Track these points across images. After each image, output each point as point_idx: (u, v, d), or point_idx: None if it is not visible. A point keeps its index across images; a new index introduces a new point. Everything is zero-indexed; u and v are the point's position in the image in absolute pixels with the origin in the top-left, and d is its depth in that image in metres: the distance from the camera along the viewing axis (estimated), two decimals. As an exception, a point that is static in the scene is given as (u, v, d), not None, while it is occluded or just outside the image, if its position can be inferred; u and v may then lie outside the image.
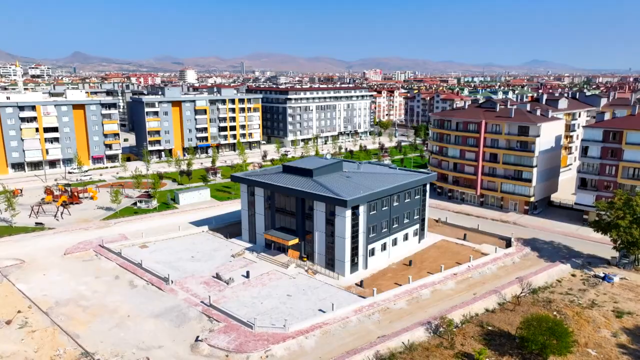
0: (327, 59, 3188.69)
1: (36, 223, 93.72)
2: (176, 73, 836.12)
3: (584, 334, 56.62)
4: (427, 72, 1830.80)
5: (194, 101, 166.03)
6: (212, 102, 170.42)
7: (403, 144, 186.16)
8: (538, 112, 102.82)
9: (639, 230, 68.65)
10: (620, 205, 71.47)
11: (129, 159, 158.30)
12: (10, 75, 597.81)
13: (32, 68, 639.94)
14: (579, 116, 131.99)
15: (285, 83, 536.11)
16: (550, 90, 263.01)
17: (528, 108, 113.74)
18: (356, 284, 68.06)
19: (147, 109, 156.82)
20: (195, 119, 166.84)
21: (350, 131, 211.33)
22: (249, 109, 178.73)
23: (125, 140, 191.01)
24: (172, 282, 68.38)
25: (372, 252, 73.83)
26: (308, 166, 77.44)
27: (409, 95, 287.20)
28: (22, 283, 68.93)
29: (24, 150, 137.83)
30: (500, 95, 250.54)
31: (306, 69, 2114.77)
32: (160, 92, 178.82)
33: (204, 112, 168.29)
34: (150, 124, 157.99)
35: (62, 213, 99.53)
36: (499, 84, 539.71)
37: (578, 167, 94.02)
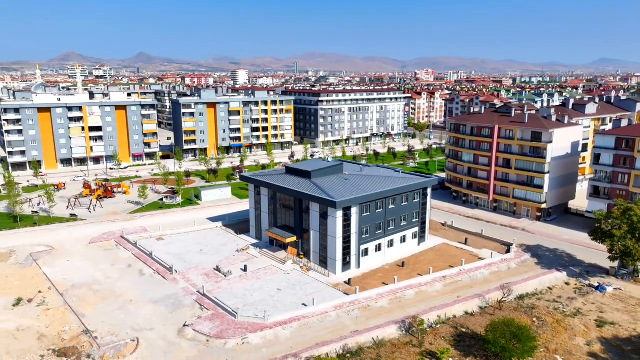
0: (382, 58, 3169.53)
1: (71, 214, 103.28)
2: (228, 73, 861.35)
3: (558, 341, 57.14)
4: (485, 71, 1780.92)
5: (228, 103, 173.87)
6: (246, 103, 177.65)
7: (435, 146, 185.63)
8: (553, 118, 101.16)
9: (633, 240, 67.52)
10: (617, 215, 70.40)
11: (168, 157, 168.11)
12: (76, 76, 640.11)
13: (96, 69, 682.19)
14: (610, 122, 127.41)
15: (333, 84, 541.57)
16: (603, 92, 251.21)
17: (552, 113, 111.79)
18: (345, 282, 71.24)
19: (183, 110, 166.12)
20: (229, 120, 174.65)
21: (383, 133, 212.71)
22: (281, 110, 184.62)
23: (169, 139, 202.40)
24: (175, 271, 74.48)
25: (366, 252, 76.67)
26: (307, 168, 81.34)
27: (448, 97, 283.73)
28: (47, 267, 77.33)
29: (71, 148, 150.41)
30: (545, 98, 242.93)
31: (360, 68, 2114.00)
32: (196, 94, 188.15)
33: (238, 113, 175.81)
34: (187, 124, 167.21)
35: (95, 206, 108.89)
36: (552, 85, 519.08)
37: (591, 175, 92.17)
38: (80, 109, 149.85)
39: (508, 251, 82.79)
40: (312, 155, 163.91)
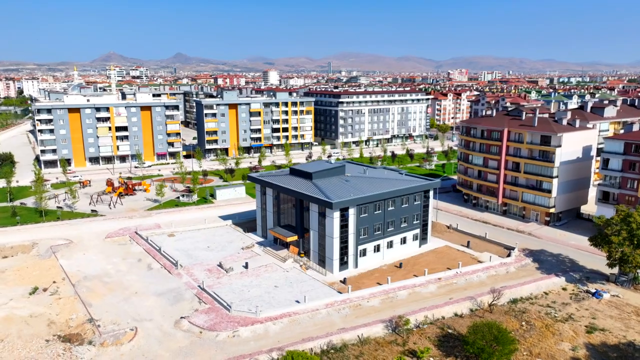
0: (416, 58, 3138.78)
1: (92, 210, 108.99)
2: (261, 73, 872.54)
3: (543, 345, 57.48)
4: (523, 71, 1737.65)
5: (249, 104, 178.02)
6: (266, 104, 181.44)
7: (455, 148, 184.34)
8: (564, 122, 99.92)
9: (631, 247, 66.75)
10: (617, 221, 69.64)
11: (190, 156, 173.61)
12: (115, 77, 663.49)
13: (133, 70, 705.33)
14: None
15: (363, 84, 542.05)
16: None
17: (569, 116, 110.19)
18: (340, 281, 73.19)
19: (205, 111, 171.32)
20: (250, 121, 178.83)
21: (404, 134, 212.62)
22: (302, 111, 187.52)
23: (194, 138, 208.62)
24: (181, 266, 78.22)
25: (364, 253, 78.36)
26: (309, 170, 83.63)
27: (474, 98, 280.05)
28: (64, 259, 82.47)
29: (98, 146, 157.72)
30: (575, 99, 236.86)
31: (394, 68, 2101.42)
32: (219, 95, 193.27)
33: (258, 114, 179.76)
34: (209, 124, 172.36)
35: (115, 202, 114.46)
36: (590, 85, 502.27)
37: (600, 180, 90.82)
38: (107, 109, 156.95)
39: (510, 255, 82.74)
40: (329, 156, 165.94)
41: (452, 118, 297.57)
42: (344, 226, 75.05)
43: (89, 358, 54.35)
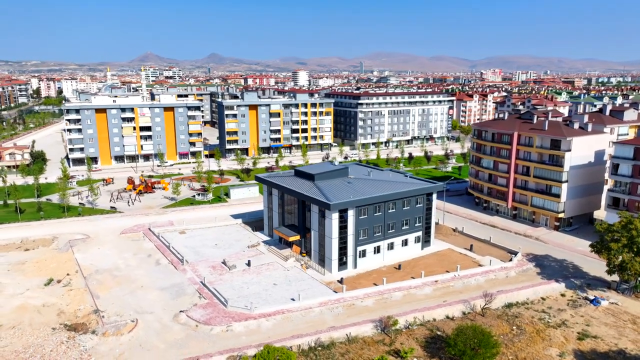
0: (450, 58, 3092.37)
1: (111, 207, 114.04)
2: (290, 74, 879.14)
3: (530, 350, 57.61)
4: (562, 71, 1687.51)
5: (268, 105, 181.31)
6: (286, 105, 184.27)
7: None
8: (576, 125, 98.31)
9: (630, 254, 65.79)
10: (618, 228, 68.68)
11: (212, 156, 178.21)
12: (149, 77, 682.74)
13: (166, 70, 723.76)
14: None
15: (394, 86, 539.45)
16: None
17: (585, 120, 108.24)
18: (337, 281, 74.75)
19: (226, 112, 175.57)
20: (270, 121, 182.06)
21: (425, 136, 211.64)
22: (321, 112, 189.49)
23: (218, 138, 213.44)
24: (186, 262, 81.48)
25: (363, 254, 79.68)
26: (312, 171, 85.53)
27: (499, 99, 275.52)
28: (80, 253, 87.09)
29: (123, 146, 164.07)
30: (606, 101, 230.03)
31: (427, 68, 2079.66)
32: (235, 97, 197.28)
33: (278, 115, 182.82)
34: (229, 125, 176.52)
35: (134, 200, 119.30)
36: (630, 85, 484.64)
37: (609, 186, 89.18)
38: (132, 110, 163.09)
39: (512, 259, 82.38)
40: (345, 157, 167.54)
41: (478, 119, 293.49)
42: (342, 227, 76.58)
43: (90, 346, 57.84)
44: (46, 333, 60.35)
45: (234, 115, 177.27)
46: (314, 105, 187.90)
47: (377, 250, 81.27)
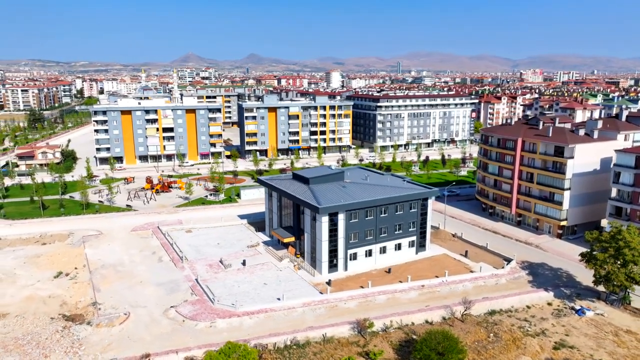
0: (491, 57, 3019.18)
1: (127, 205, 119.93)
2: (322, 75, 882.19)
3: (502, 358, 58.14)
4: (610, 70, 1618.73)
5: (287, 107, 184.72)
6: (305, 108, 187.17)
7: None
8: (581, 132, 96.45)
9: (616, 265, 64.87)
10: (607, 238, 67.77)
11: (231, 156, 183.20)
12: (185, 78, 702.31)
13: (202, 71, 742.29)
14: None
15: (426, 87, 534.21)
16: None
17: (599, 126, 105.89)
18: (326, 282, 76.78)
19: (246, 114, 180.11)
20: (289, 124, 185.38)
21: (446, 139, 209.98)
22: (340, 115, 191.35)
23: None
24: (186, 259, 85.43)
25: (354, 257, 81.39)
26: (307, 175, 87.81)
27: (527, 102, 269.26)
28: (90, 248, 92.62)
29: (147, 146, 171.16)
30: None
31: (466, 68, 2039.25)
32: (259, 99, 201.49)
33: (297, 117, 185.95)
34: (249, 126, 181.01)
35: (149, 199, 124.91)
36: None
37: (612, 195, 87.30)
38: (155, 112, 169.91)
39: (504, 267, 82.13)
40: (360, 160, 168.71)
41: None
42: (333, 230, 78.55)
43: (83, 336, 62.23)
44: (45, 322, 65.26)
45: (254, 117, 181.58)
46: (332, 107, 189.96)
47: (369, 253, 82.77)
